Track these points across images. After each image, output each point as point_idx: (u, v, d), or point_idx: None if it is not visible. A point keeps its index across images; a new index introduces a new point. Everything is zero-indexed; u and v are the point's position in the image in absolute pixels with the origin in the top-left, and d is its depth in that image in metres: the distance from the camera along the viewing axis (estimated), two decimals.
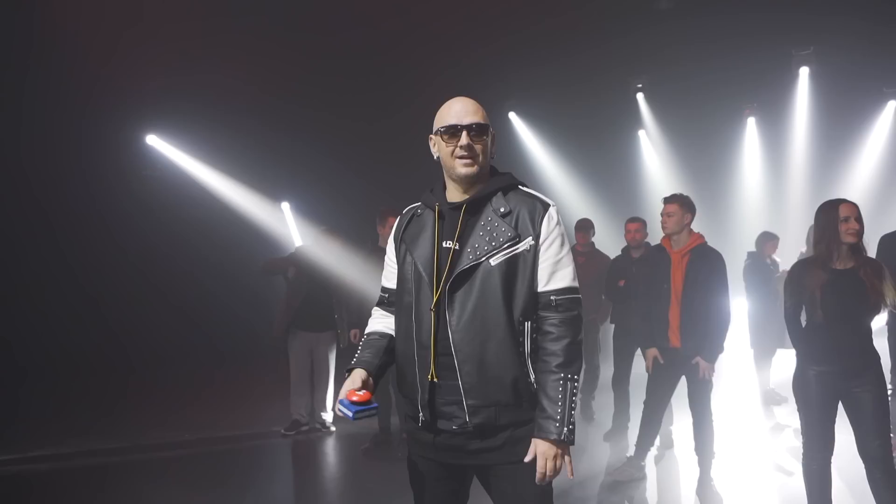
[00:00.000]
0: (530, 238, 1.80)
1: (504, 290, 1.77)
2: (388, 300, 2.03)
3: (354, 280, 5.07)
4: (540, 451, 1.74)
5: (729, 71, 7.62)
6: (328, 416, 5.55)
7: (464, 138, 1.81)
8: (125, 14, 6.01)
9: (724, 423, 4.63)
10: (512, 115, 9.69)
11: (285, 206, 8.97)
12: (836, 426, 3.02)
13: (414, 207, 2.00)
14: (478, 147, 1.83)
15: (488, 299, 1.77)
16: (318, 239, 5.45)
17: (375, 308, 2.09)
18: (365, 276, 4.84)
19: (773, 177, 9.23)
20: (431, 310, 1.80)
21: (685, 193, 4.08)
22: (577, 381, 1.79)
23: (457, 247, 1.82)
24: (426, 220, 1.91)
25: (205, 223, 7.93)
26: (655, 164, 9.90)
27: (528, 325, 1.79)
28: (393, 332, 1.97)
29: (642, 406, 4.18)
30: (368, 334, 2.03)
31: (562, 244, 1.84)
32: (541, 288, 1.82)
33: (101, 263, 7.71)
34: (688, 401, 3.99)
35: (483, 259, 1.77)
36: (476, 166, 1.83)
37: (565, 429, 1.73)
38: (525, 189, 1.91)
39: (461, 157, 1.82)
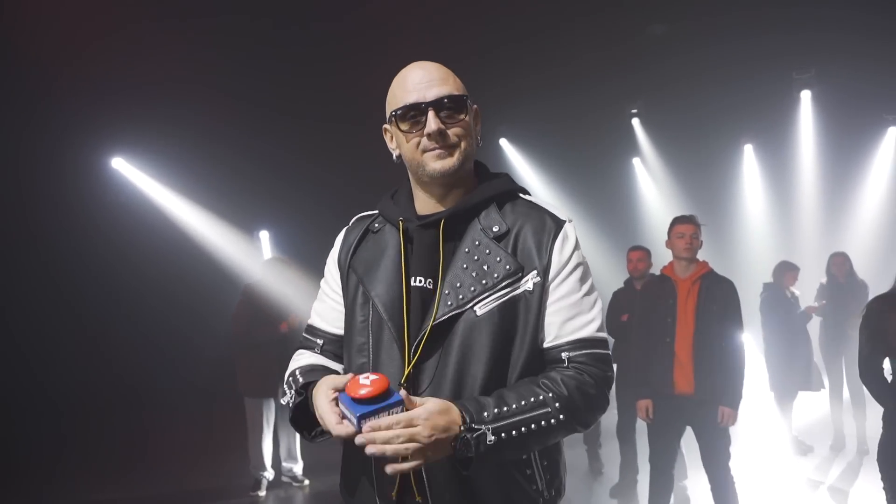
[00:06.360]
0: (535, 272, 1.24)
1: (493, 354, 1.22)
2: (324, 348, 1.42)
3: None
4: (427, 407, 1.09)
5: (727, 93, 7.23)
6: (298, 468, 4.91)
7: (431, 122, 1.24)
8: (94, 23, 5.44)
9: (748, 481, 4.05)
10: (503, 142, 9.30)
11: (264, 234, 8.47)
12: None
13: (367, 218, 1.43)
14: (454, 131, 1.26)
15: (469, 367, 1.21)
16: (271, 268, 4.82)
17: (301, 351, 1.46)
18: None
19: (778, 204, 8.80)
20: (402, 385, 1.21)
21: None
22: (559, 426, 1.18)
23: (429, 285, 1.26)
24: (386, 240, 1.34)
25: (169, 253, 7.37)
26: (652, 191, 9.49)
27: None
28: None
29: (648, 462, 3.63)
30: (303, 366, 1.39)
31: (582, 277, 1.29)
32: (547, 342, 1.25)
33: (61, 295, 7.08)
34: (701, 460, 3.42)
35: (467, 306, 1.22)
36: (455, 157, 1.26)
37: (486, 428, 1.10)
38: (528, 199, 1.36)
39: (431, 150, 1.26)
